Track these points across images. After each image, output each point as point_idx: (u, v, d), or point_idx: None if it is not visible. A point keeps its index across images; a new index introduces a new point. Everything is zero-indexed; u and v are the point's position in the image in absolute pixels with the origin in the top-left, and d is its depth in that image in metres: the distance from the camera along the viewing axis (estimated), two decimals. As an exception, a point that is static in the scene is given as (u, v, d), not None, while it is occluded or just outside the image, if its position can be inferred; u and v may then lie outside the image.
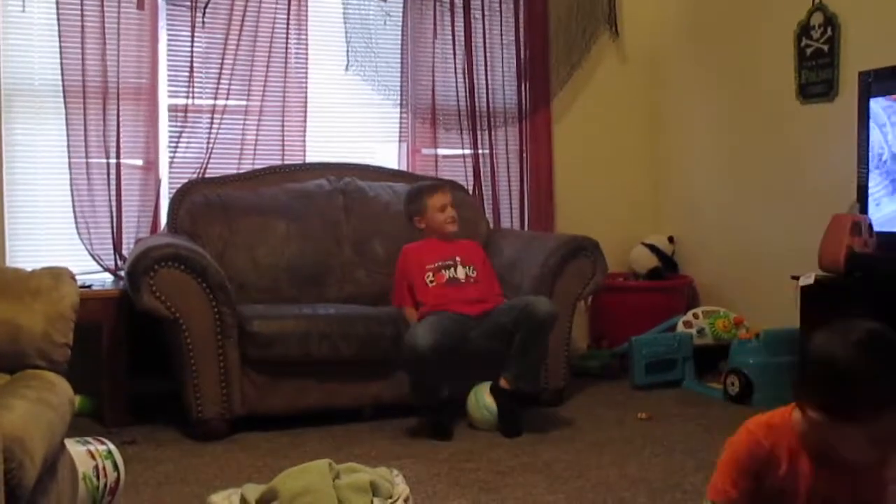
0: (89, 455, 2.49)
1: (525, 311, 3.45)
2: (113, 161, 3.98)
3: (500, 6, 4.68)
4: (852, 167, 3.66)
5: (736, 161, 4.64)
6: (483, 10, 4.64)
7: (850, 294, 3.46)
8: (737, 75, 4.60)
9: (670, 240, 4.90)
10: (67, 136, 3.92)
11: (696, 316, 4.44)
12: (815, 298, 3.56)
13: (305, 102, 4.35)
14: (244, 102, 4.23)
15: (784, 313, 3.83)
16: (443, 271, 3.73)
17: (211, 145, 4.16)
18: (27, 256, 3.86)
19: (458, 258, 3.76)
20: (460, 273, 3.74)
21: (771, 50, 4.33)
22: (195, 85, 4.13)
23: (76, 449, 2.45)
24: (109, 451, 2.55)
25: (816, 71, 4.09)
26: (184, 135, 4.13)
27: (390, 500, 2.56)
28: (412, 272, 3.73)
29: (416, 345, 3.34)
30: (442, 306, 3.61)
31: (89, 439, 2.58)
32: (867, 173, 3.59)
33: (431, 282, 3.70)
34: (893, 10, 3.73)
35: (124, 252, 3.96)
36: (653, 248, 4.84)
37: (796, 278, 3.63)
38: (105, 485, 2.49)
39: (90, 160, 3.95)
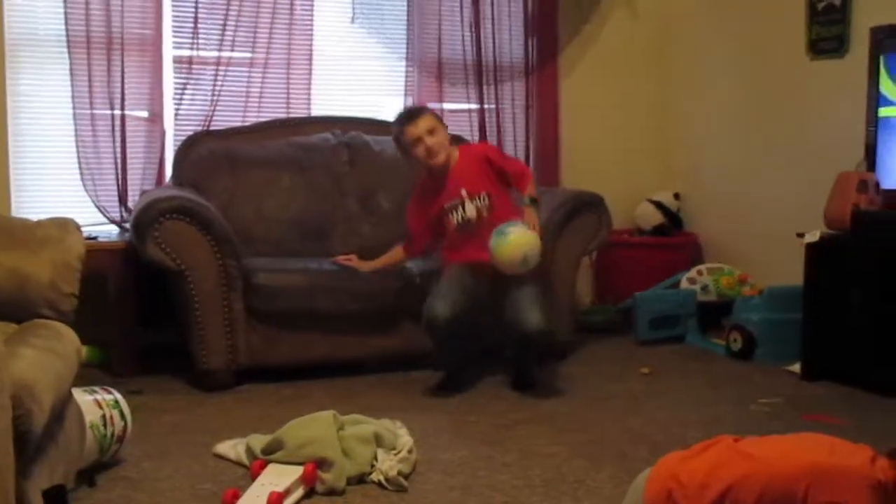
0: (96, 404, 2.51)
1: (517, 329, 3.33)
2: (118, 112, 3.95)
3: (508, -41, 4.63)
4: (861, 125, 3.64)
5: (743, 118, 4.60)
6: (490, -38, 4.59)
7: (855, 252, 3.45)
8: (746, 31, 4.54)
9: (676, 196, 4.88)
10: (72, 86, 3.88)
11: (700, 273, 4.44)
12: (819, 256, 3.57)
13: (311, 55, 4.30)
14: (249, 54, 4.19)
15: (789, 271, 3.84)
16: (451, 215, 3.50)
17: (216, 97, 4.13)
18: (33, 207, 3.86)
19: (464, 191, 3.47)
20: (470, 211, 3.47)
21: (782, 4, 4.27)
22: (200, 36, 4.08)
23: (83, 398, 2.47)
24: (116, 401, 2.57)
25: (828, 26, 4.04)
26: (189, 87, 4.10)
27: (394, 451, 2.59)
28: (429, 218, 3.57)
29: (434, 316, 3.31)
30: (459, 255, 3.49)
31: (96, 388, 2.60)
32: (876, 131, 3.56)
33: (446, 224, 3.53)
34: (907, -35, 3.68)
35: (130, 204, 3.95)
36: (658, 204, 4.82)
37: (801, 236, 3.63)
38: (112, 433, 2.52)
39: (95, 111, 3.92)
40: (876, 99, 3.56)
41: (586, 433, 2.96)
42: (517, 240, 3.25)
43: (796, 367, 3.69)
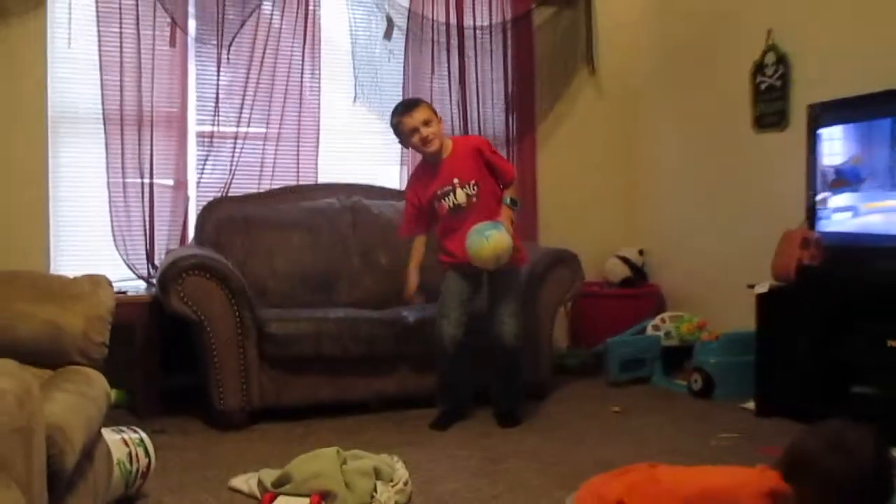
0: (123, 443, 2.45)
1: (497, 342, 3.38)
2: (147, 181, 3.95)
3: (491, 46, 4.68)
4: (802, 188, 3.66)
5: (699, 183, 4.63)
6: (476, 49, 4.64)
7: (800, 301, 3.45)
8: (700, 108, 4.60)
9: (640, 253, 4.89)
10: (107, 158, 3.90)
11: (663, 320, 4.42)
12: (768, 305, 3.56)
13: (318, 130, 4.33)
14: (263, 129, 4.21)
15: (742, 318, 3.83)
16: (443, 201, 3.39)
17: (234, 167, 4.14)
18: (70, 265, 3.84)
19: (456, 180, 3.36)
20: (461, 197, 3.36)
21: (730, 85, 4.33)
22: (220, 114, 4.11)
23: (112, 437, 2.42)
24: (141, 440, 2.52)
25: (770, 104, 4.09)
26: (210, 158, 4.11)
27: (392, 483, 2.54)
28: (424, 201, 3.45)
29: (441, 338, 3.35)
30: (452, 244, 3.40)
31: (123, 428, 2.54)
32: (815, 194, 3.59)
33: (438, 209, 3.43)
34: (838, 51, 3.74)
35: (156, 262, 3.93)
36: (625, 259, 4.82)
37: (752, 287, 3.62)
38: (137, 470, 2.46)
39: (126, 180, 3.93)
40: (814, 165, 3.59)
41: (565, 466, 2.90)
42: (493, 243, 3.21)
43: (751, 405, 3.65)
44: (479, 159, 3.40)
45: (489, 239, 3.21)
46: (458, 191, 3.37)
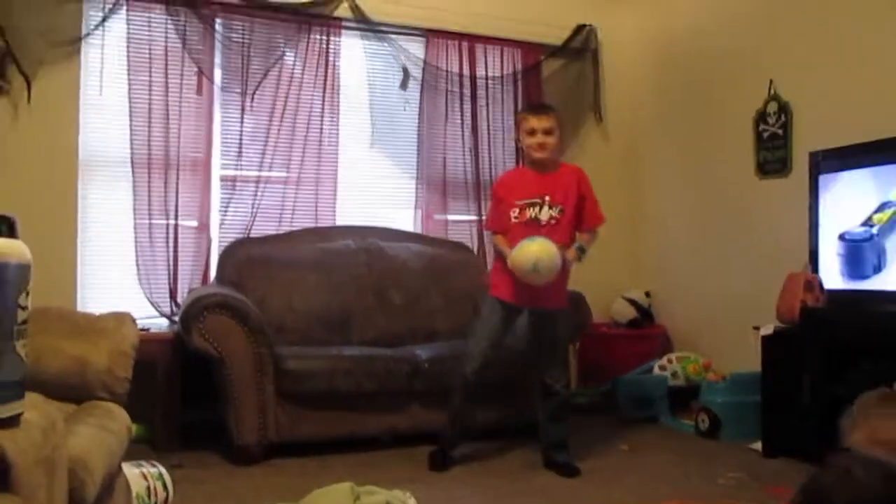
0: (142, 476, 2.44)
1: (543, 385, 3.35)
2: (171, 222, 3.98)
3: (502, 96, 4.72)
4: (804, 232, 3.64)
5: (704, 227, 4.62)
6: (487, 98, 4.68)
7: (805, 343, 3.41)
8: (704, 154, 4.61)
9: (647, 294, 4.86)
10: (133, 200, 3.93)
11: (670, 360, 4.38)
12: (773, 346, 3.52)
13: (336, 174, 4.36)
14: (284, 174, 4.24)
15: (747, 359, 3.78)
16: (527, 210, 3.25)
17: (255, 210, 4.16)
18: (95, 303, 3.84)
19: (547, 197, 3.25)
20: (544, 214, 3.23)
21: (733, 133, 4.34)
22: (243, 159, 4.15)
23: (131, 471, 2.40)
24: (160, 473, 2.50)
25: (772, 151, 4.09)
26: (232, 201, 4.14)
27: (404, 519, 2.50)
28: (504, 201, 3.33)
29: (465, 375, 3.31)
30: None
31: (143, 462, 2.53)
32: (817, 238, 3.56)
33: (516, 218, 3.26)
34: (838, 100, 3.74)
35: (179, 300, 3.94)
36: (632, 301, 4.80)
37: (757, 328, 3.59)
38: (155, 503, 2.43)
39: (152, 221, 3.95)
40: (816, 210, 3.58)
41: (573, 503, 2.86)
42: (536, 247, 3.09)
43: (758, 445, 3.59)
44: (575, 189, 3.31)
45: (532, 243, 3.11)
46: (545, 207, 3.26)
